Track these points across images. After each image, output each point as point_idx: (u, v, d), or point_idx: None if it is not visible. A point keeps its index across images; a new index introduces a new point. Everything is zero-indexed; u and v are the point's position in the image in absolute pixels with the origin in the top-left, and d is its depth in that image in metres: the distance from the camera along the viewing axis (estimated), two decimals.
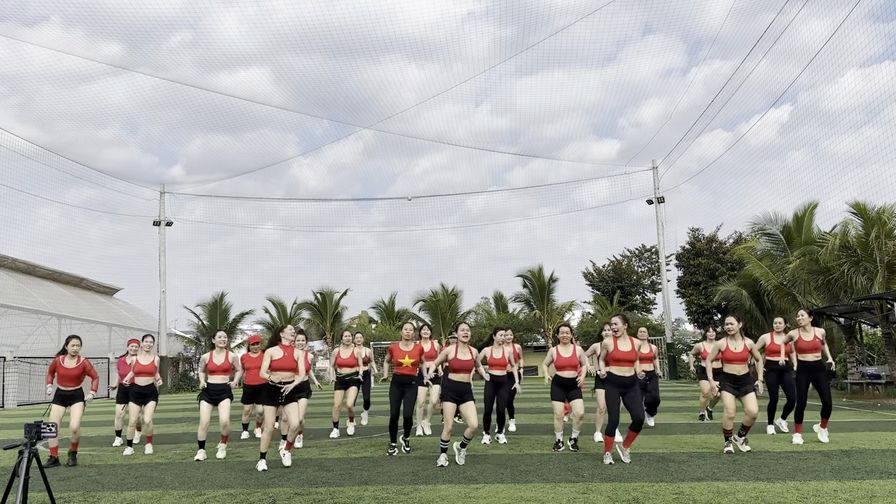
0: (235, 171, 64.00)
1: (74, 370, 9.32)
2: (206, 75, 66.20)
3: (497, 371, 9.85)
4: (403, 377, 9.47)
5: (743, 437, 8.98)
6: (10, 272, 34.76)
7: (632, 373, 8.37)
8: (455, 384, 8.47)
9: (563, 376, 9.35)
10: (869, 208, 20.28)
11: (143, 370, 10.23)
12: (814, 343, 9.67)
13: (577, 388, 9.37)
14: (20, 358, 29.81)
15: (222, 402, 9.63)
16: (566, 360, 9.33)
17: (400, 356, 9.49)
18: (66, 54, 48.26)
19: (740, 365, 8.75)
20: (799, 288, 23.12)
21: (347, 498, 6.55)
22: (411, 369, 9.49)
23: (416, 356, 9.53)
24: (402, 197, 45.62)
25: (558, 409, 9.43)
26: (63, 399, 9.38)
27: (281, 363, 8.53)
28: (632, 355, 8.34)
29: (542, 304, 43.69)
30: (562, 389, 9.40)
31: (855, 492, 6.22)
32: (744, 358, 8.76)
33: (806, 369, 9.72)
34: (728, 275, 33.38)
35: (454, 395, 8.45)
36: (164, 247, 40.23)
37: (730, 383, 8.80)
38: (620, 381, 8.35)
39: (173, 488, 7.34)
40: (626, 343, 8.40)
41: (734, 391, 8.75)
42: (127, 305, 47.10)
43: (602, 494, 6.38)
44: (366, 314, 47.69)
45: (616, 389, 8.37)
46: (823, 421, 9.67)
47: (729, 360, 8.79)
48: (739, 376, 8.76)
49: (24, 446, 5.39)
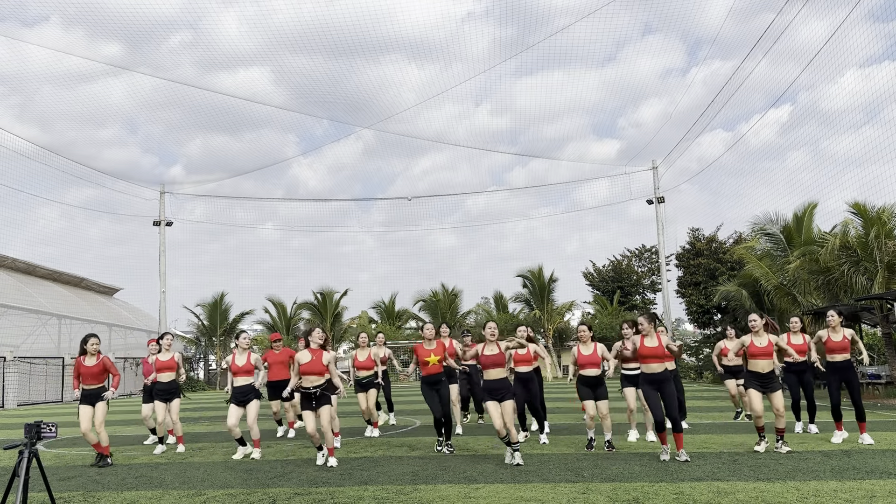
0: (235, 171, 64.06)
1: (95, 367, 9.35)
2: (206, 75, 66.26)
3: (522, 367, 9.99)
4: (431, 377, 9.53)
5: (781, 440, 8.83)
6: (10, 272, 34.75)
7: (663, 368, 8.39)
8: (489, 383, 8.48)
9: (586, 375, 9.35)
10: (869, 208, 20.28)
11: (164, 366, 10.40)
12: (843, 343, 9.55)
13: (603, 387, 9.36)
14: (20, 358, 29.81)
15: (250, 404, 9.67)
16: (587, 357, 9.33)
17: (425, 355, 9.56)
18: (65, 54, 48.29)
19: (765, 361, 8.76)
20: (799, 288, 23.13)
21: (347, 498, 6.55)
22: (437, 367, 9.54)
23: (441, 353, 9.58)
24: (403, 197, 45.66)
25: (589, 408, 9.36)
26: (89, 398, 9.39)
27: (309, 367, 8.60)
28: (660, 351, 8.37)
29: (542, 304, 43.70)
30: (588, 388, 9.37)
31: (855, 492, 6.22)
32: (769, 353, 8.77)
33: (836, 370, 9.60)
34: (728, 275, 33.38)
35: (490, 394, 8.44)
36: (164, 247, 40.26)
37: (755, 381, 8.80)
38: (654, 378, 8.39)
39: (173, 488, 7.34)
40: (654, 339, 8.43)
41: (760, 389, 8.76)
42: (127, 305, 47.07)
43: (602, 494, 6.38)
44: (366, 314, 47.67)
45: (651, 386, 8.41)
46: (861, 426, 9.49)
47: (754, 356, 8.81)
48: (765, 374, 8.76)
49: (24, 446, 5.39)
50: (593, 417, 9.40)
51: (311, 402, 8.64)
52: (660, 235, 39.49)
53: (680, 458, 8.18)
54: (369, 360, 11.42)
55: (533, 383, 10.12)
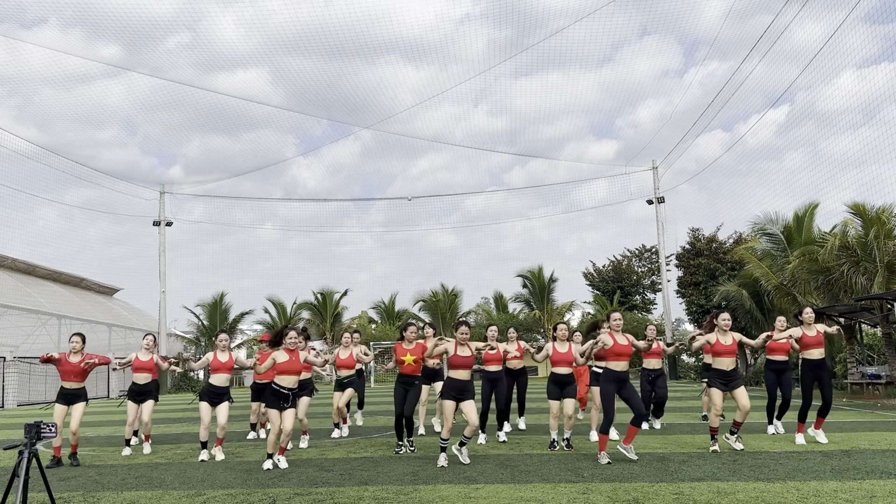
0: (234, 171, 63.93)
1: (77, 365, 9.32)
2: (205, 76, 66.27)
3: (492, 367, 10.00)
4: (407, 377, 9.55)
5: (735, 433, 9.00)
6: (10, 272, 34.75)
7: (626, 367, 8.41)
8: (454, 381, 8.48)
9: (558, 372, 9.41)
10: (868, 208, 20.28)
11: (141, 366, 10.28)
12: (817, 338, 9.64)
13: (572, 386, 9.41)
14: (20, 358, 29.80)
15: (221, 405, 9.64)
16: (562, 355, 9.39)
17: (402, 354, 9.60)
18: (64, 54, 48.21)
19: (729, 359, 8.90)
20: (799, 288, 23.12)
21: (347, 498, 6.55)
22: (414, 368, 9.57)
23: (419, 354, 9.58)
24: (402, 197, 45.64)
25: (554, 407, 9.44)
26: (67, 398, 9.34)
27: (286, 366, 8.55)
28: (629, 349, 8.41)
29: (541, 304, 43.72)
30: (557, 387, 9.44)
31: (855, 492, 6.22)
32: (733, 351, 8.89)
33: (811, 367, 9.67)
34: (728, 275, 33.38)
35: (454, 393, 8.46)
36: (163, 247, 40.25)
37: (718, 379, 8.92)
38: (616, 376, 8.38)
39: (173, 488, 7.34)
40: (623, 338, 8.46)
41: (722, 387, 8.87)
42: (127, 305, 47.07)
43: (602, 494, 6.38)
44: (366, 314, 47.72)
45: (611, 384, 8.38)
46: (819, 420, 9.62)
47: (719, 354, 8.93)
48: (728, 371, 8.87)
49: (24, 446, 5.39)
50: (557, 416, 9.46)
51: (282, 401, 8.48)
52: (660, 235, 39.50)
53: (628, 454, 8.22)
54: (350, 359, 11.42)
55: (501, 382, 10.17)
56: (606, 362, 8.49)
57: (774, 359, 10.62)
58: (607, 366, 8.46)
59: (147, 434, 10.50)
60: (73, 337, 9.48)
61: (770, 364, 10.71)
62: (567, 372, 9.40)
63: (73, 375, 9.31)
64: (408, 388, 9.53)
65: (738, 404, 8.79)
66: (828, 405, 9.60)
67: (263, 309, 45.91)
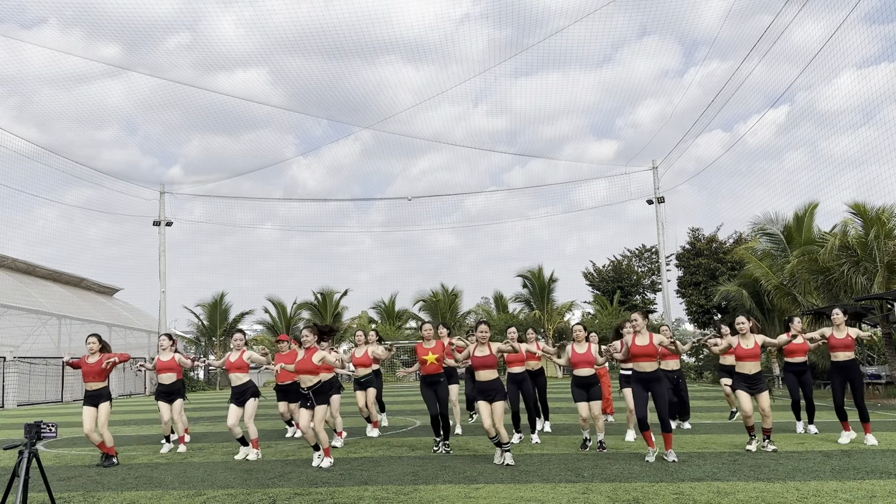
0: (234, 171, 63.92)
1: (96, 365, 9.33)
2: (205, 76, 66.29)
3: (515, 368, 9.99)
4: (430, 376, 9.57)
5: (767, 439, 8.90)
6: (10, 272, 34.74)
7: (655, 367, 8.37)
8: (478, 384, 8.49)
9: (579, 374, 9.33)
10: (868, 208, 20.27)
11: (164, 366, 10.39)
12: (845, 341, 9.47)
13: (596, 387, 9.33)
14: (20, 358, 29.79)
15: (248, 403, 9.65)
16: (581, 356, 9.31)
17: (423, 354, 9.60)
18: (64, 54, 48.24)
19: (752, 363, 8.86)
20: (799, 288, 23.12)
21: (347, 498, 6.55)
22: (437, 366, 9.57)
23: (440, 352, 9.59)
24: (403, 197, 45.64)
25: (583, 411, 9.34)
26: (91, 399, 9.36)
27: (300, 366, 8.67)
28: (651, 349, 8.35)
29: (542, 304, 43.70)
30: (582, 390, 9.34)
31: (855, 492, 6.22)
32: (755, 355, 8.85)
33: (839, 369, 9.53)
34: (728, 275, 33.37)
35: (480, 396, 8.44)
36: (163, 247, 40.26)
37: (743, 382, 8.89)
38: (645, 377, 8.38)
39: (173, 488, 7.34)
40: (645, 338, 8.41)
41: (748, 390, 8.84)
42: (127, 305, 47.06)
43: (602, 494, 6.38)
44: (366, 314, 47.69)
45: (641, 385, 8.39)
46: (865, 426, 9.38)
47: (741, 358, 8.91)
48: (752, 375, 8.85)
49: (24, 446, 5.39)
50: (586, 419, 9.41)
51: (306, 400, 8.71)
52: (660, 235, 39.49)
53: (668, 458, 8.16)
54: (366, 357, 11.42)
55: (526, 383, 10.12)
56: (633, 363, 8.53)
57: (793, 360, 10.52)
58: (634, 367, 8.50)
59: (183, 431, 10.71)
60: (89, 338, 9.57)
61: (789, 366, 10.61)
62: (590, 373, 9.30)
63: (94, 376, 9.34)
64: (434, 388, 9.55)
65: (759, 408, 8.75)
66: (861, 409, 9.34)
67: (263, 309, 46.00)
